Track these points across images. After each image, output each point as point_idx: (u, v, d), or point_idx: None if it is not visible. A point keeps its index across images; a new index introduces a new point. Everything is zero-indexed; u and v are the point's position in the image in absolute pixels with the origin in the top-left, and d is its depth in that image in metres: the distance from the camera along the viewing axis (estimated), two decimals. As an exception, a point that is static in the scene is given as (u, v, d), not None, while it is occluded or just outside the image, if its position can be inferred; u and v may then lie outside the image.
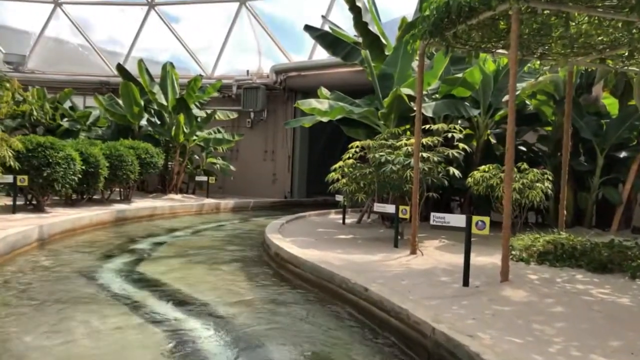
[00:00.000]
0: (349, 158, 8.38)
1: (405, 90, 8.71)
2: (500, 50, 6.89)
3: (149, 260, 7.32)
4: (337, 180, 8.44)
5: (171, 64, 16.91)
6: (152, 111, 16.92)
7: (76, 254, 7.55)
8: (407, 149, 7.69)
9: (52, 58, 22.72)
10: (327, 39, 12.01)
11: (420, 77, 6.71)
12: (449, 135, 8.09)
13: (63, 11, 21.89)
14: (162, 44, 22.33)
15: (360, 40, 12.08)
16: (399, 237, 7.45)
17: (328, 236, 8.70)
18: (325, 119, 9.75)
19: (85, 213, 10.02)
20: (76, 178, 10.25)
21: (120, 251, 7.88)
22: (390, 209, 7.48)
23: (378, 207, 7.65)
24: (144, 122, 16.54)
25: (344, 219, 10.66)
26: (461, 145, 8.12)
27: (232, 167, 18.03)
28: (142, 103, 15.88)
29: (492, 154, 10.66)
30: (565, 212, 7.75)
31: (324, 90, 10.68)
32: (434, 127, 8.14)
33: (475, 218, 5.01)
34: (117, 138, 14.47)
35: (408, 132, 8.92)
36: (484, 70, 9.02)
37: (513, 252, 6.68)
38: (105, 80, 20.75)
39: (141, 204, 13.06)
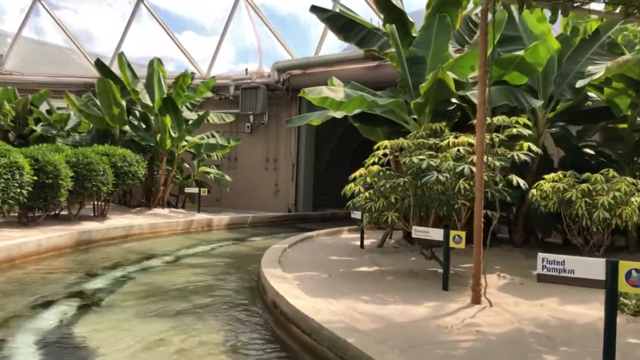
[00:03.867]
0: (373, 164, 6.20)
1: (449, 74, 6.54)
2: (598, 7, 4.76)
3: (95, 313, 5.11)
4: (358, 193, 6.24)
5: (159, 59, 14.82)
6: (137, 113, 14.81)
7: (-5, 299, 5.38)
8: (457, 150, 5.51)
9: (32, 58, 20.70)
10: (339, 21, 9.86)
11: (484, 40, 4.60)
12: (513, 132, 5.91)
13: (43, 6, 19.90)
14: (151, 42, 20.31)
15: (377, 26, 10.02)
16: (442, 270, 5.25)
17: (345, 269, 6.51)
18: (339, 115, 7.58)
19: (35, 236, 7.87)
20: (25, 191, 8.11)
21: (63, 294, 5.69)
22: (436, 234, 5.30)
23: (418, 232, 5.46)
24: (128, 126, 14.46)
25: (362, 241, 8.46)
26: (526, 145, 5.93)
27: (227, 177, 15.86)
28: (124, 104, 13.76)
29: (548, 158, 8.49)
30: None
31: (336, 81, 8.53)
32: (495, 119, 5.94)
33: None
34: (98, 144, 12.34)
35: (447, 130, 6.73)
36: (550, 47, 6.86)
37: (625, 301, 4.49)
38: (90, 82, 18.55)
39: (116, 222, 10.90)
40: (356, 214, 8.74)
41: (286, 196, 17.28)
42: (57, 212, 10.65)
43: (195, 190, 14.32)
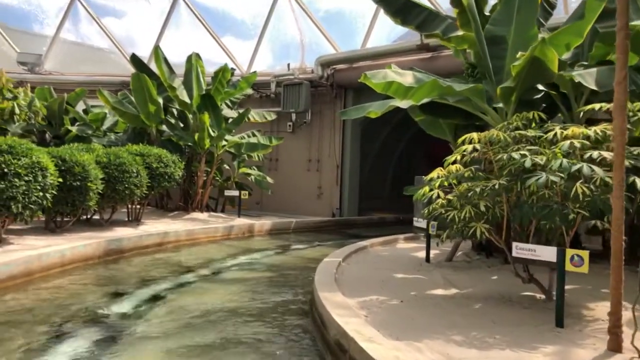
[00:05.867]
0: (454, 162, 5.00)
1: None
2: None
3: (116, 347, 4.12)
4: (434, 198, 5.04)
5: (197, 54, 13.95)
6: (174, 112, 14.01)
7: (-1, 326, 4.47)
8: (570, 144, 4.24)
9: (71, 58, 20.34)
10: (395, 3, 8.69)
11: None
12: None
13: (82, 5, 19.47)
14: (189, 43, 19.52)
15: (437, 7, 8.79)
16: (547, 295, 4.01)
17: (417, 291, 5.32)
18: (404, 104, 6.41)
19: (58, 245, 7.01)
20: (48, 195, 7.28)
21: (82, 321, 4.74)
22: (546, 254, 4.06)
23: (520, 250, 4.23)
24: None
25: (428, 254, 7.25)
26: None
27: (269, 179, 14.87)
28: (161, 101, 12.96)
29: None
30: None
31: (395, 68, 7.34)
32: (607, 106, 4.62)
33: None
34: (133, 144, 11.53)
35: (533, 123, 5.44)
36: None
37: None
38: (127, 81, 17.93)
39: (151, 227, 10.04)
40: (419, 223, 7.55)
41: (330, 199, 16.17)
42: (88, 216, 9.89)
43: (235, 193, 13.39)
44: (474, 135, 4.84)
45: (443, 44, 9.52)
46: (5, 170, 6.63)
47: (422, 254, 7.79)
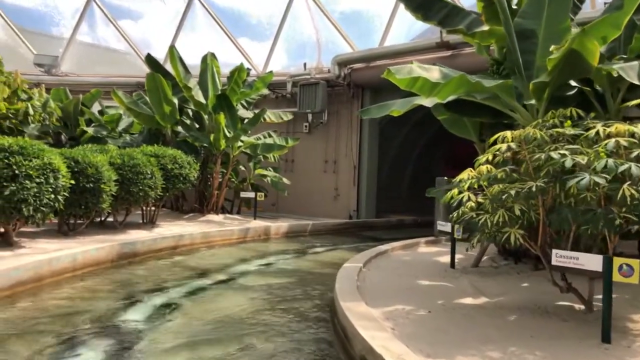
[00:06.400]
0: (486, 162, 4.66)
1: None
2: None
3: None
4: (465, 201, 4.70)
5: (212, 54, 13.75)
6: (189, 112, 13.83)
7: None
8: (616, 142, 3.89)
9: (87, 60, 20.31)
10: (417, -3, 8.37)
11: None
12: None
13: (98, 5, 19.44)
14: (204, 44, 19.36)
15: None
16: (587, 306, 3.67)
17: (445, 300, 5.00)
18: (429, 102, 6.08)
19: (70, 249, 6.81)
20: (60, 197, 7.09)
21: (90, 333, 4.50)
22: (591, 262, 3.72)
23: (562, 258, 3.89)
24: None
25: (453, 260, 6.91)
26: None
27: (285, 180, 14.61)
28: (176, 102, 12.78)
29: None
30: None
31: (417, 64, 7.01)
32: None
33: None
34: (148, 145, 11.34)
35: (568, 121, 5.09)
36: None
37: None
38: (143, 82, 17.93)
39: (166, 230, 9.84)
40: (443, 226, 7.22)
41: (347, 201, 15.86)
42: (102, 219, 9.72)
43: (251, 194, 13.14)
44: (507, 133, 4.50)
45: (466, 41, 9.15)
46: (17, 171, 6.45)
47: (445, 259, 7.46)
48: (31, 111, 10.07)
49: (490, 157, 4.64)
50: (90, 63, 20.25)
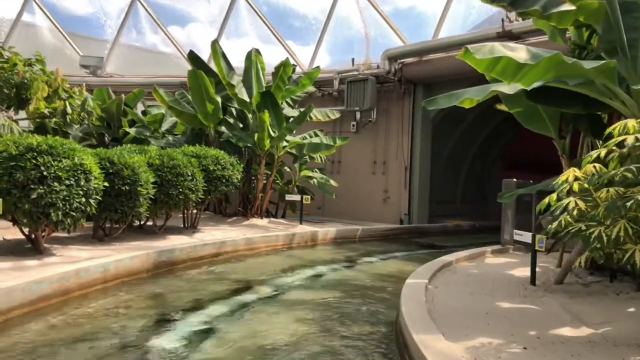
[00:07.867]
0: (593, 162, 3.69)
1: None
2: None
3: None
4: (572, 208, 3.74)
5: (257, 50, 13.11)
6: (233, 111, 13.24)
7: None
8: None
9: (131, 61, 20.19)
10: (484, -23, 7.37)
11: None
12: None
13: (142, 5, 19.24)
14: (249, 41, 18.80)
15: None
16: None
17: (537, 329, 4.05)
18: (510, 89, 5.10)
19: (101, 258, 6.21)
20: (93, 201, 6.51)
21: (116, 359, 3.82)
22: None
23: None
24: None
25: (533, 276, 5.90)
26: None
27: (333, 182, 13.80)
28: (219, 100, 12.19)
29: None
30: None
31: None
32: None
33: None
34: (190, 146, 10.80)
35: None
36: None
37: None
38: (186, 81, 17.62)
39: (207, 235, 9.21)
40: (521, 236, 6.22)
41: (397, 204, 14.87)
42: (141, 223, 9.18)
43: (297, 197, 12.40)
44: (630, 122, 3.52)
45: (537, 27, 8.09)
46: (45, 173, 5.90)
47: (520, 273, 6.48)
48: (69, 110, 9.66)
49: (603, 154, 3.67)
50: (134, 64, 20.12)
